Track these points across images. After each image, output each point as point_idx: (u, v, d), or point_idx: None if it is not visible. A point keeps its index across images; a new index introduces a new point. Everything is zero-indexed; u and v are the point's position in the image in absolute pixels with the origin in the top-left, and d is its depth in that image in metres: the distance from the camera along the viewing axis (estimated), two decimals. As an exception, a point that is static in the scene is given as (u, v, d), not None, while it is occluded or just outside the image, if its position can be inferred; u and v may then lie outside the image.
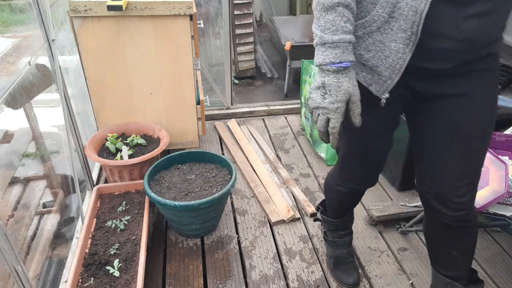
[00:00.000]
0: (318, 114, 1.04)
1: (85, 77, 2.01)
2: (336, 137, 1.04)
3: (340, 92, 0.99)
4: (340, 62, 0.98)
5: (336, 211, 1.58)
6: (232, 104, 3.00)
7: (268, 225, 1.98)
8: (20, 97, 1.41)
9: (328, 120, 1.03)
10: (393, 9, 0.96)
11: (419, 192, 1.29)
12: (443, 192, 1.16)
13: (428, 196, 1.22)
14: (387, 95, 1.08)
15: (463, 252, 1.27)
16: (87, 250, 1.59)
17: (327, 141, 1.07)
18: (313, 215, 2.03)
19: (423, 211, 1.85)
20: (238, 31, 3.61)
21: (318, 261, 1.77)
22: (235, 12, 3.54)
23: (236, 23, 3.58)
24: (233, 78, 3.21)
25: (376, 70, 1.06)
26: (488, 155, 1.52)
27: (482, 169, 1.15)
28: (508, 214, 1.39)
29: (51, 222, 1.61)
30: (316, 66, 1.01)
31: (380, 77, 1.06)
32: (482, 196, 1.40)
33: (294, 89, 3.55)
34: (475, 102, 1.09)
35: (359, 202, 2.03)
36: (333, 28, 0.96)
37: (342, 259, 1.68)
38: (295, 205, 2.11)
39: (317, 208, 1.70)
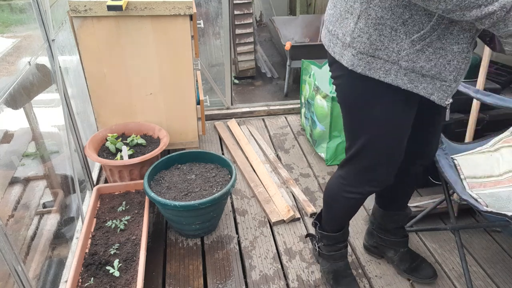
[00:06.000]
0: None
1: (85, 77, 2.01)
2: None
3: None
4: None
5: (339, 223, 1.54)
6: (232, 104, 3.01)
7: (268, 225, 1.98)
8: (20, 97, 1.41)
9: None
10: None
11: (410, 163, 1.46)
12: (429, 158, 1.48)
13: (418, 163, 1.47)
14: (450, 100, 1.10)
15: (413, 190, 1.63)
16: (87, 250, 1.59)
17: None
18: (313, 215, 2.03)
19: (423, 211, 1.86)
20: (238, 31, 3.61)
21: (317, 261, 1.77)
22: (235, 12, 3.54)
23: (236, 23, 3.58)
24: (233, 78, 3.21)
25: (440, 77, 1.06)
26: None
27: None
28: (508, 214, 1.38)
29: (51, 222, 1.61)
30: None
31: (443, 83, 1.06)
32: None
33: (294, 89, 3.55)
34: None
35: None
36: None
37: (341, 272, 1.62)
38: (295, 205, 2.11)
39: (315, 224, 1.63)
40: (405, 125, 1.23)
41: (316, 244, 1.67)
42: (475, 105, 1.82)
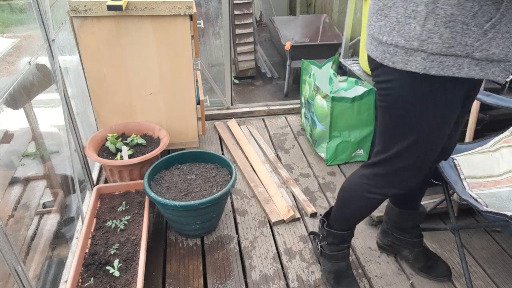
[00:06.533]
0: None
1: (85, 77, 2.01)
2: None
3: None
4: None
5: (351, 222, 1.55)
6: (232, 104, 3.01)
7: (268, 225, 1.98)
8: (20, 97, 1.41)
9: None
10: None
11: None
12: (450, 154, 1.48)
13: (439, 159, 1.48)
14: (511, 76, 1.12)
15: (427, 188, 1.65)
16: (87, 250, 1.59)
17: None
18: (313, 215, 2.03)
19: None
20: (238, 31, 3.61)
21: (318, 261, 1.77)
22: (235, 12, 3.54)
23: (236, 23, 3.58)
24: (233, 78, 3.21)
25: (505, 59, 1.08)
26: None
27: None
28: (508, 214, 1.38)
29: (51, 222, 1.61)
30: None
31: (507, 63, 1.09)
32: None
33: (294, 89, 3.56)
34: None
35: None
36: None
37: (342, 273, 1.63)
38: (295, 205, 2.11)
39: (322, 222, 1.63)
40: (452, 121, 1.24)
41: (318, 243, 1.67)
42: (475, 105, 1.82)
